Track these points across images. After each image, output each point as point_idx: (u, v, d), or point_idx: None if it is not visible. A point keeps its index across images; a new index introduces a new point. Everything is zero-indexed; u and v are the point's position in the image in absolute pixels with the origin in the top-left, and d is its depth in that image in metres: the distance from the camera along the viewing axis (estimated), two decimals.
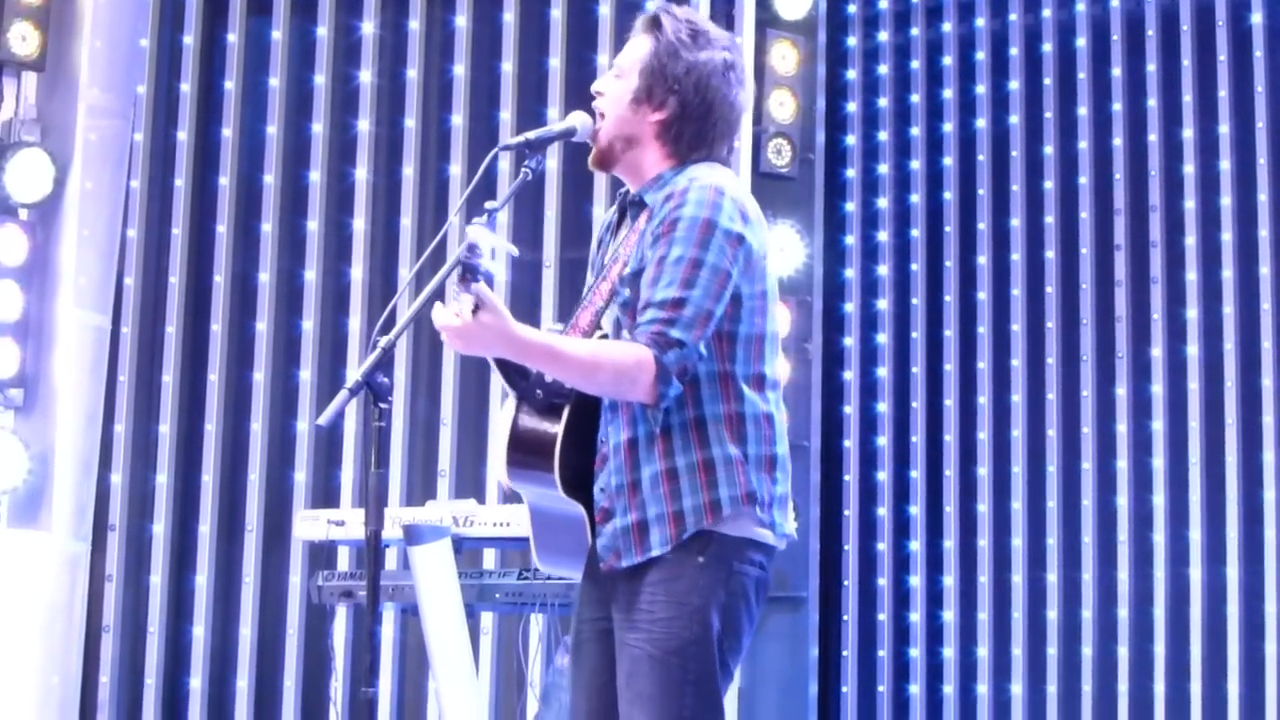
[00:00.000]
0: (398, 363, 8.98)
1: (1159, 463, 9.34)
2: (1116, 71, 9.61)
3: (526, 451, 3.94)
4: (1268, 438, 9.03)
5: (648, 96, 3.99)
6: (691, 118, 3.99)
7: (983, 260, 10.04)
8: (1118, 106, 9.53)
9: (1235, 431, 9.17)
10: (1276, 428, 8.98)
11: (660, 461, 3.84)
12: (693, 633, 3.79)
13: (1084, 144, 9.66)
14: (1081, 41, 9.71)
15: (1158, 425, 9.42)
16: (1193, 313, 9.26)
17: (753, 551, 3.82)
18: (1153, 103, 9.48)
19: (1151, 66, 9.55)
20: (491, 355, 3.80)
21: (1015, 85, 9.97)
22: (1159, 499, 9.30)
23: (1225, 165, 9.26)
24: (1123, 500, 9.32)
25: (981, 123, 10.04)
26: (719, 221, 3.75)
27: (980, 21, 10.16)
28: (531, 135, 4.02)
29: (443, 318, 3.57)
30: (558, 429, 3.91)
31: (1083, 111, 9.73)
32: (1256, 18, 9.23)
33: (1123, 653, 9.46)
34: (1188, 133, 9.31)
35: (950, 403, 10.15)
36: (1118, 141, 9.54)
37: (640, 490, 3.83)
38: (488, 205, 3.80)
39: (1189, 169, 9.32)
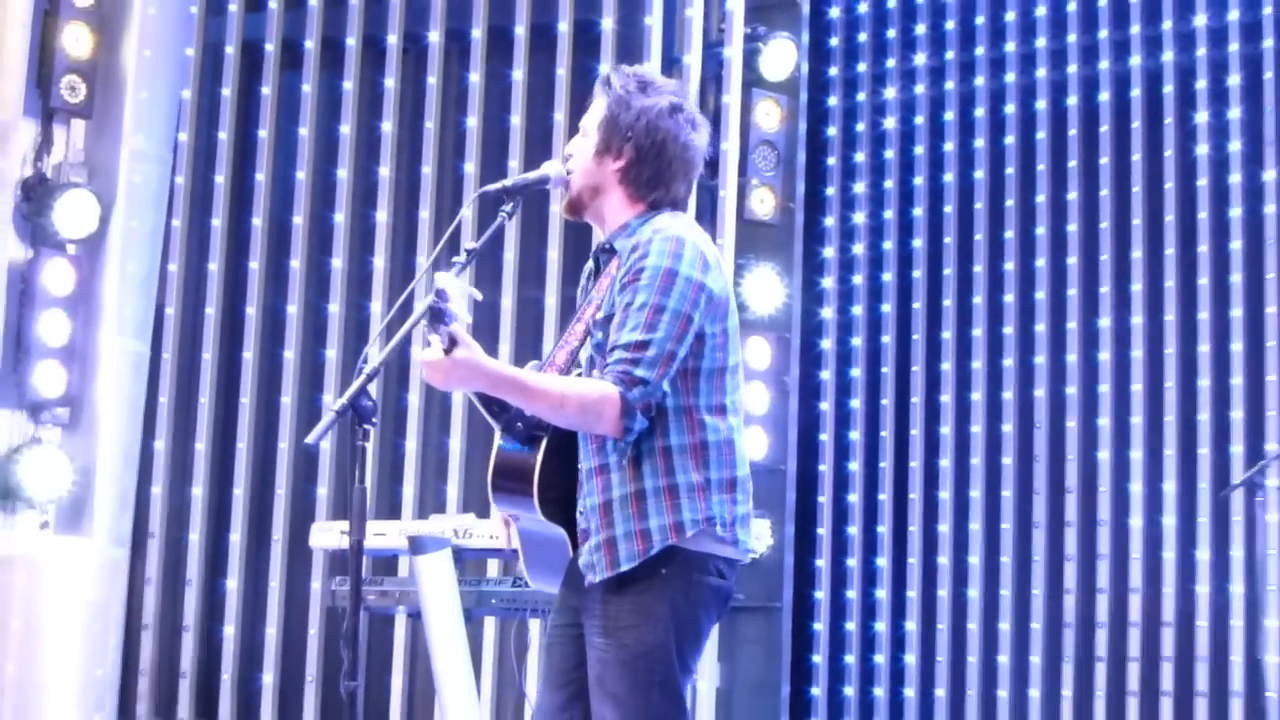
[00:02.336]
0: (413, 387, 9.45)
1: (1104, 488, 9.89)
2: (1073, 132, 9.95)
3: (509, 478, 4.01)
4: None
5: (607, 148, 4.05)
6: (647, 159, 4.06)
7: (948, 303, 10.32)
8: (1073, 163, 9.90)
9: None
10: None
11: (630, 485, 3.91)
12: (657, 638, 3.87)
13: (1041, 197, 10.04)
14: (1041, 104, 10.02)
15: (1104, 455, 9.91)
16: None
17: (713, 564, 3.91)
18: (1105, 160, 9.88)
19: (1105, 128, 9.90)
20: (468, 389, 3.84)
21: (980, 143, 10.26)
22: (1104, 513, 9.92)
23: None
24: (1071, 515, 9.83)
25: (949, 177, 10.32)
26: (680, 270, 3.82)
27: (949, 85, 10.45)
28: (509, 182, 4.11)
29: (422, 355, 3.65)
30: (536, 457, 3.94)
31: (1041, 168, 10.06)
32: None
33: (1067, 670, 9.97)
34: (1136, 188, 9.78)
35: (916, 432, 10.42)
36: (1072, 195, 9.93)
37: (611, 510, 3.90)
38: (466, 246, 3.98)
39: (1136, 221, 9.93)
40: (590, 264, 4.19)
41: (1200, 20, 9.61)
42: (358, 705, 4.40)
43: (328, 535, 6.81)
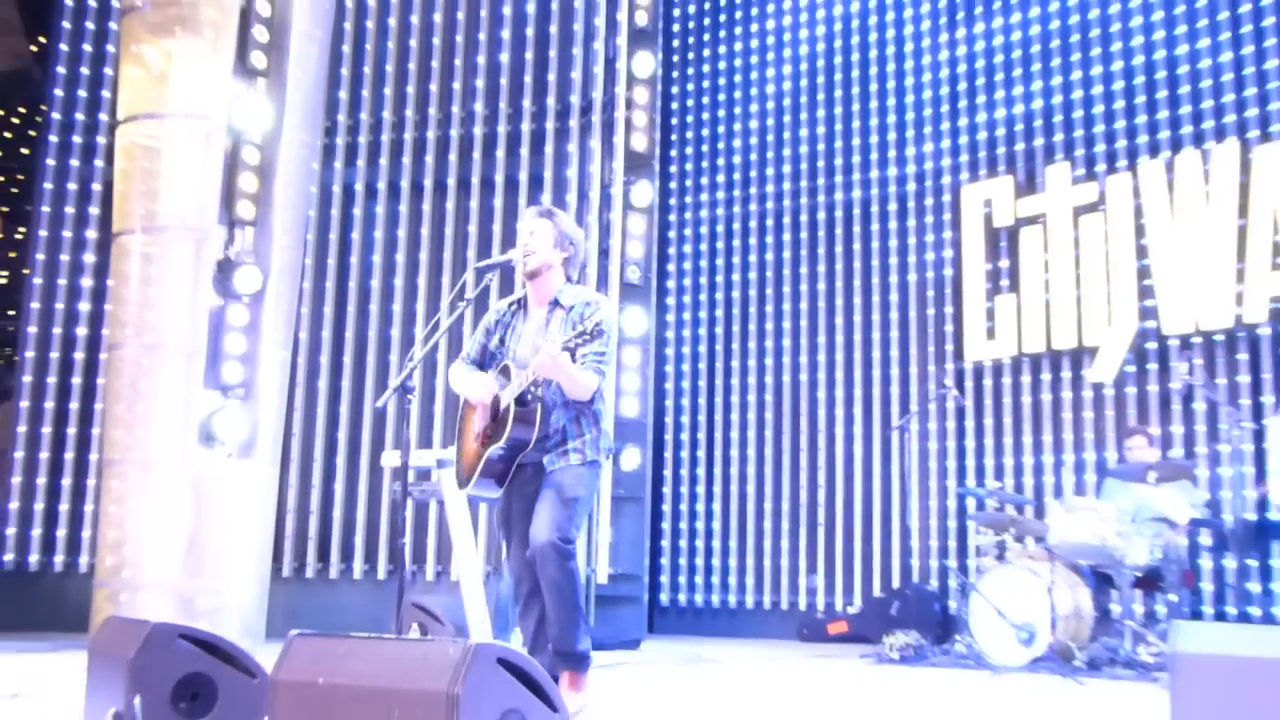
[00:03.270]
0: (439, 387, 9.52)
1: (821, 426, 10.27)
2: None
3: (519, 422, 4.09)
4: None
5: (556, 244, 4.31)
6: (574, 258, 4.40)
7: (735, 328, 10.60)
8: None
9: None
10: None
11: (577, 425, 4.23)
12: (580, 490, 4.18)
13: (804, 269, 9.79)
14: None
15: (821, 395, 10.22)
16: None
17: (603, 462, 4.36)
18: None
19: None
20: (557, 376, 4.02)
21: (754, 241, 10.66)
22: (820, 439, 9.98)
23: None
24: (803, 442, 10.13)
25: (736, 259, 10.71)
26: (614, 321, 4.53)
27: (737, 209, 10.73)
28: (490, 261, 4.42)
29: (550, 352, 3.93)
30: (502, 460, 4.16)
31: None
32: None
33: (803, 533, 10.04)
34: None
35: (719, 400, 10.71)
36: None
37: (568, 437, 4.21)
38: (468, 294, 4.49)
39: None
40: (510, 308, 4.46)
41: None
42: (406, 554, 4.59)
43: (391, 458, 6.98)
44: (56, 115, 10.27)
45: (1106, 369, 8.80)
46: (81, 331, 9.91)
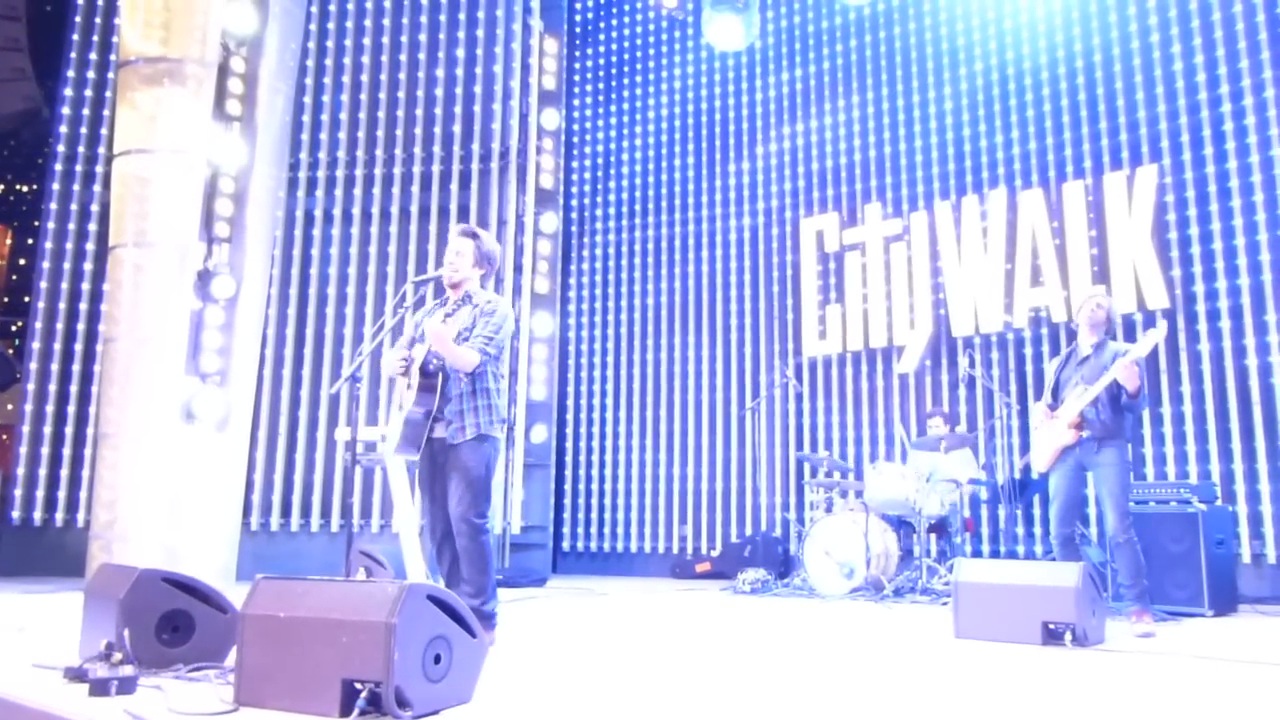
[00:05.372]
0: (382, 376, 9.26)
1: (690, 396, 10.30)
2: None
3: (423, 390, 4.03)
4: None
5: (476, 262, 4.19)
6: (490, 272, 4.28)
7: (623, 331, 10.59)
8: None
9: None
10: None
11: (471, 399, 4.03)
12: (480, 470, 4.01)
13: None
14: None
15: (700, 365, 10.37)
16: None
17: (497, 436, 4.13)
18: None
19: None
20: (442, 349, 3.86)
21: (638, 274, 10.82)
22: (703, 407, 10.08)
23: None
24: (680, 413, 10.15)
25: (624, 272, 10.79)
26: (508, 316, 4.09)
27: (624, 234, 10.72)
28: (424, 276, 4.23)
29: (433, 327, 3.83)
30: (424, 424, 4.04)
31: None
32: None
33: (676, 486, 10.17)
34: None
35: (598, 386, 10.72)
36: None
37: (464, 411, 4.00)
38: (407, 302, 4.25)
39: None
40: (437, 305, 4.29)
41: None
42: (355, 511, 4.43)
43: (343, 433, 6.87)
44: (61, 148, 10.05)
45: (910, 362, 8.88)
46: (80, 327, 9.66)
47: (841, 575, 6.74)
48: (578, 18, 11.33)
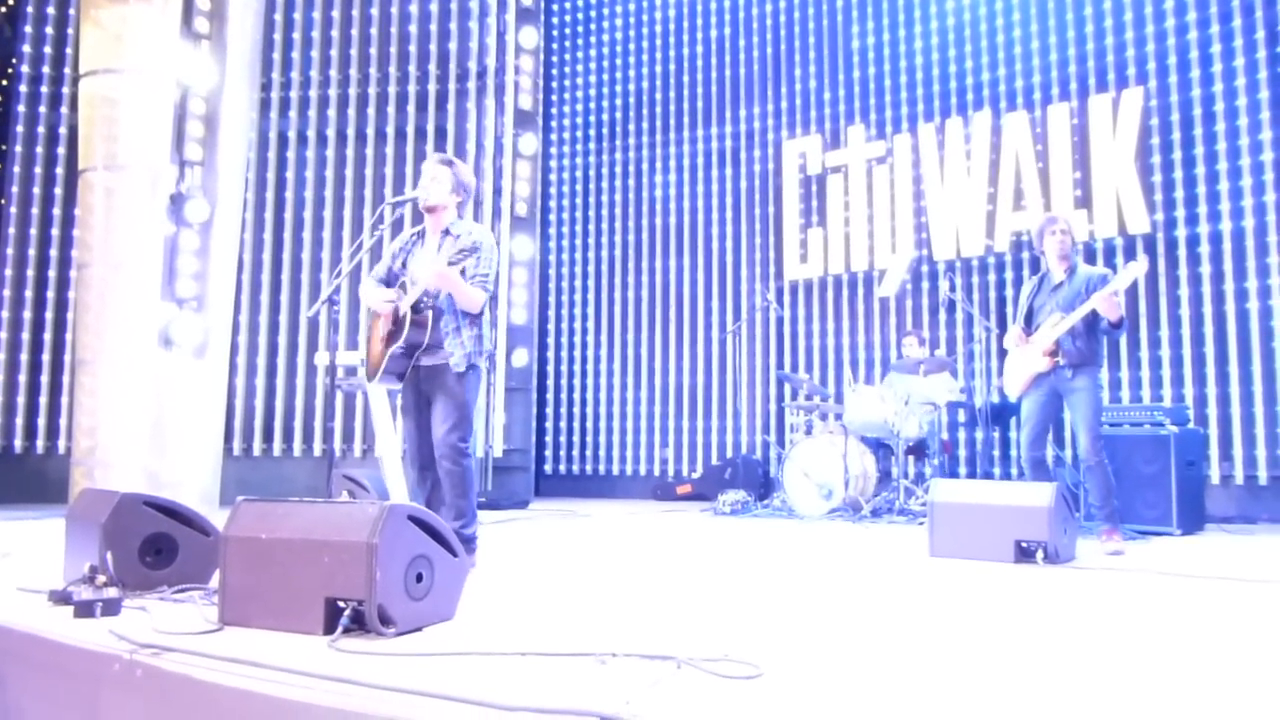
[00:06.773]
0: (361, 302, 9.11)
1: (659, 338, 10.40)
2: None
3: (414, 325, 3.97)
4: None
5: (452, 190, 4.14)
6: (466, 199, 4.21)
7: (604, 254, 10.53)
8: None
9: None
10: None
11: (460, 331, 4.02)
12: (466, 397, 4.03)
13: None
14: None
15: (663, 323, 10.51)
16: None
17: (482, 366, 4.13)
18: None
19: None
20: (446, 286, 3.84)
21: (619, 197, 10.63)
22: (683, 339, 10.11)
23: None
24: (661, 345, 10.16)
25: (601, 199, 10.64)
26: (494, 246, 4.08)
27: (618, 155, 10.62)
28: (400, 197, 4.14)
29: (436, 266, 3.78)
30: (405, 357, 4.02)
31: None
32: None
33: (658, 407, 10.25)
34: None
35: (578, 311, 10.71)
36: None
37: (455, 342, 4.00)
38: (384, 224, 4.15)
39: None
40: (412, 237, 4.23)
41: None
42: (336, 435, 4.43)
43: (322, 357, 6.76)
44: (25, 68, 9.73)
45: (891, 286, 8.85)
46: (54, 253, 9.51)
47: (820, 496, 6.80)
48: None
